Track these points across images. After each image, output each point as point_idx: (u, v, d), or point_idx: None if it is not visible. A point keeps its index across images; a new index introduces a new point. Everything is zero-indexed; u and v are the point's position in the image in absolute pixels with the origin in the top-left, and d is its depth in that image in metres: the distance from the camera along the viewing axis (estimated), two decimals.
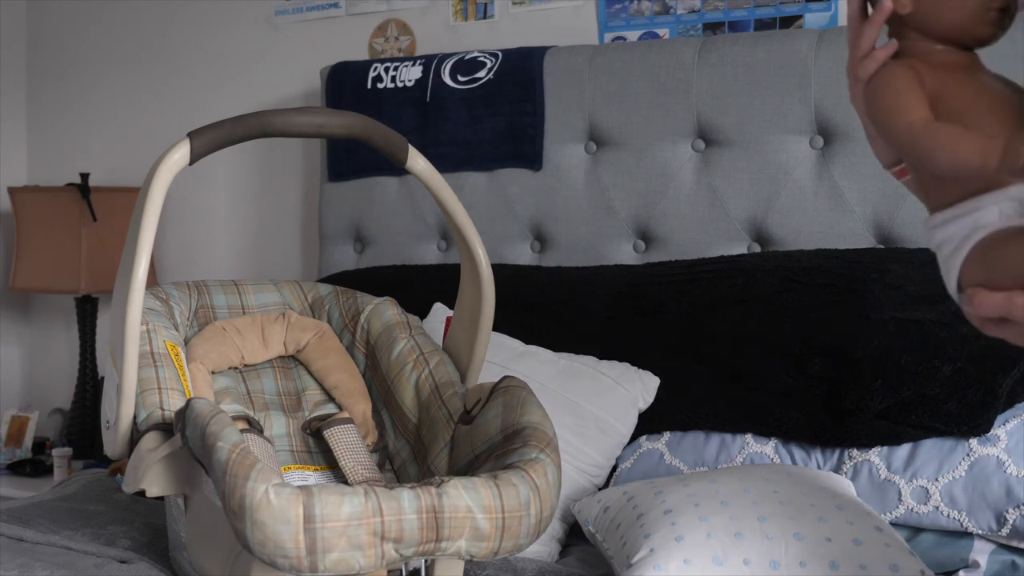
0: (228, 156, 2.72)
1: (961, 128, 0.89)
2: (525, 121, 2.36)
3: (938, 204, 0.95)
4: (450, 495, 1.14)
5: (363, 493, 1.11)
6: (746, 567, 1.39)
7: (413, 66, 2.50)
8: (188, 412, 1.23)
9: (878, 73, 0.98)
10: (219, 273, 2.96)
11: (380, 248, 2.57)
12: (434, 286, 2.26)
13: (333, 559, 1.09)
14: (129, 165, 3.13)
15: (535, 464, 1.22)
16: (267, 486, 1.08)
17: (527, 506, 1.18)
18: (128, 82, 3.19)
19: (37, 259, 2.95)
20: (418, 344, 1.63)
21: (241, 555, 1.23)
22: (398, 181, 2.53)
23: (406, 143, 1.46)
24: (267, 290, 1.79)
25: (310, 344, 1.73)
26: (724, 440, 1.82)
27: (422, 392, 1.57)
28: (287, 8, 2.92)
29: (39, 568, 1.42)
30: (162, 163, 1.30)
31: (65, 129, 3.31)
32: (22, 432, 3.01)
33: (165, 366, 1.45)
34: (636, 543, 1.46)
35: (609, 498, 1.65)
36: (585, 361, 1.95)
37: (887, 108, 0.94)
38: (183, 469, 1.31)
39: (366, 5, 2.81)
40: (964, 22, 0.96)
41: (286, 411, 1.67)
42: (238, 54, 3.01)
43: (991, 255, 0.90)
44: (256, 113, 1.35)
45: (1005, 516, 1.57)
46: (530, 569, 1.55)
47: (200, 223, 3.09)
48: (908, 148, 0.92)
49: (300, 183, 2.96)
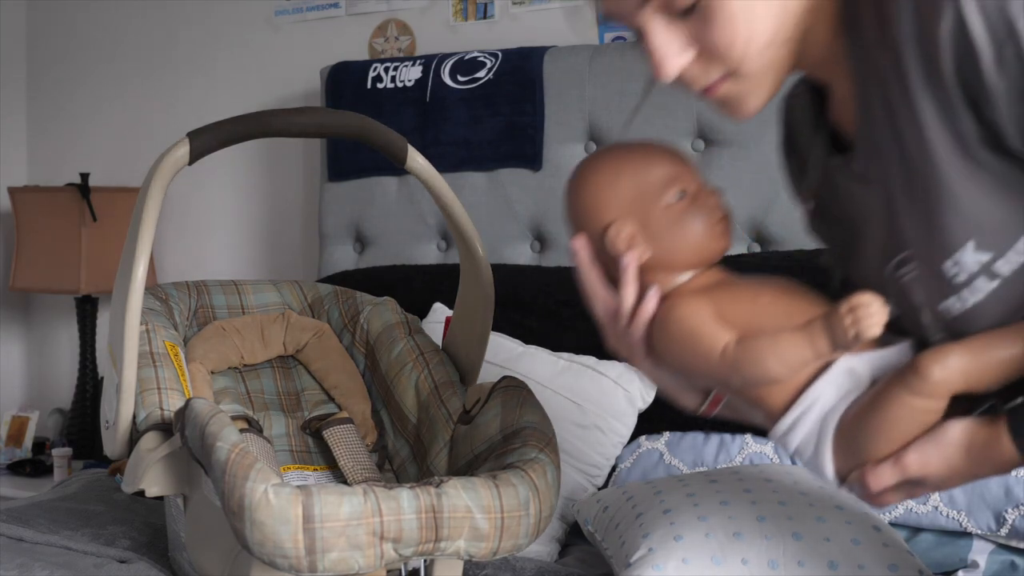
0: (228, 156, 2.71)
1: (772, 333, 0.89)
2: (525, 121, 2.36)
3: (772, 413, 0.94)
4: (449, 495, 1.14)
5: (362, 493, 1.11)
6: (745, 567, 1.39)
7: (413, 66, 2.50)
8: (187, 412, 1.23)
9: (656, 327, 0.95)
10: (219, 273, 2.96)
11: (380, 248, 2.57)
12: (434, 286, 2.26)
13: (332, 559, 1.09)
14: (129, 165, 3.13)
15: (534, 464, 1.22)
16: (266, 486, 1.08)
17: (526, 506, 1.18)
18: (128, 82, 3.19)
19: (37, 259, 2.95)
20: (418, 344, 1.63)
21: (240, 555, 1.23)
22: (398, 181, 2.53)
23: (406, 143, 1.46)
24: (267, 290, 1.79)
25: (310, 344, 1.73)
26: (723, 440, 1.82)
27: (422, 392, 1.57)
28: (287, 8, 2.92)
29: (39, 568, 1.42)
30: (162, 163, 1.30)
31: (65, 129, 3.31)
32: (22, 432, 3.01)
33: (164, 366, 1.45)
34: (635, 543, 1.46)
35: (608, 498, 1.65)
36: (585, 361, 1.95)
37: (688, 352, 0.93)
38: (182, 469, 1.31)
39: (366, 5, 2.81)
40: (700, 247, 0.97)
41: (285, 411, 1.67)
42: (238, 54, 3.01)
43: (855, 435, 0.90)
44: (256, 113, 1.35)
45: (1004, 516, 1.57)
46: (529, 569, 1.55)
47: (200, 223, 3.09)
48: (730, 375, 0.91)
49: (300, 183, 2.96)
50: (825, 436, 0.91)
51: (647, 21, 0.89)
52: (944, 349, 0.87)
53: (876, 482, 0.89)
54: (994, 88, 0.80)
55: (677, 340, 0.93)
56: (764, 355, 0.89)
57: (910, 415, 0.87)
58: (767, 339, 0.89)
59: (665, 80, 0.90)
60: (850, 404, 0.91)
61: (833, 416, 0.91)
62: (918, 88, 0.83)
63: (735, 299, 0.94)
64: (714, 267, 0.99)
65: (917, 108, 0.84)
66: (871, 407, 0.89)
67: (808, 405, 0.91)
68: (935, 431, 0.88)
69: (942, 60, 0.81)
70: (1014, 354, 0.87)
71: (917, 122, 0.85)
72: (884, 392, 0.88)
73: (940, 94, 0.83)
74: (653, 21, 0.89)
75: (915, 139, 0.86)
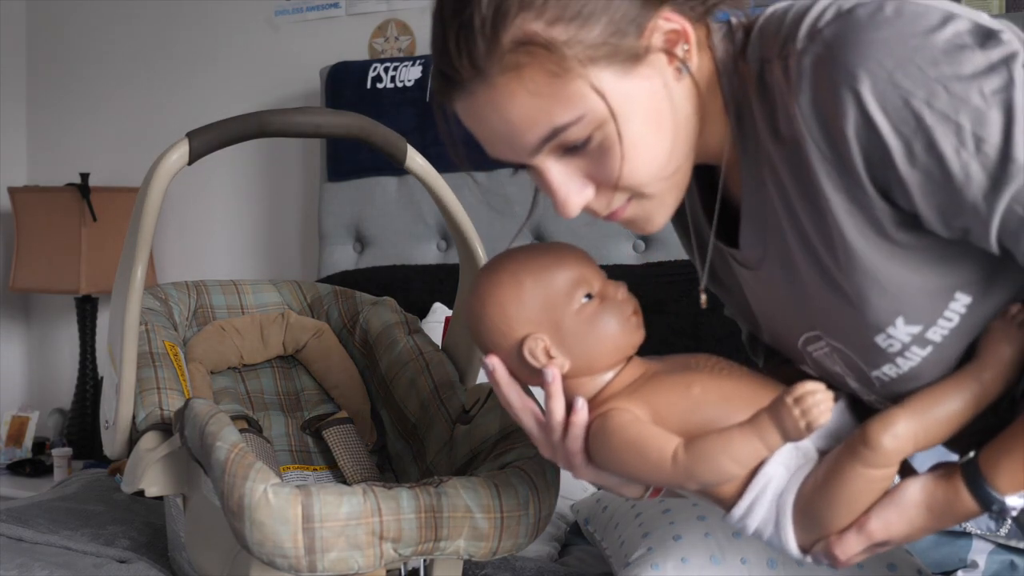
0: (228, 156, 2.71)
1: (718, 432, 0.88)
2: None
3: (724, 500, 0.93)
4: (449, 495, 1.14)
5: (362, 493, 1.11)
6: (744, 566, 1.39)
7: (413, 66, 2.50)
8: (187, 412, 1.23)
9: (594, 438, 0.94)
10: (219, 273, 2.96)
11: (380, 248, 2.57)
12: (434, 286, 2.26)
13: (332, 559, 1.09)
14: (129, 165, 3.13)
15: (534, 463, 1.22)
16: (266, 486, 1.08)
17: (526, 505, 1.18)
18: (128, 82, 3.19)
19: (37, 259, 2.95)
20: (417, 344, 1.63)
21: (240, 555, 1.23)
22: (398, 181, 2.53)
23: (405, 143, 1.46)
24: (266, 290, 1.79)
25: (309, 344, 1.73)
26: None
27: (421, 392, 1.57)
28: (287, 8, 2.92)
29: (38, 568, 1.42)
30: (161, 163, 1.30)
31: (65, 129, 3.31)
32: (22, 432, 3.02)
33: (164, 366, 1.44)
34: (634, 542, 1.47)
35: (608, 497, 1.65)
36: None
37: (633, 461, 0.91)
38: (182, 469, 1.31)
39: (366, 5, 2.81)
40: (618, 346, 0.95)
41: (285, 411, 1.67)
42: (238, 54, 3.01)
43: (814, 510, 0.90)
44: (255, 113, 1.35)
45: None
46: (529, 568, 1.55)
47: (200, 223, 3.09)
48: (684, 480, 0.90)
49: (300, 183, 2.96)
50: (784, 515, 0.91)
51: (542, 163, 0.87)
52: (890, 417, 0.87)
53: (843, 552, 0.90)
54: (908, 180, 0.79)
55: (619, 450, 0.91)
56: (716, 456, 0.88)
57: (866, 485, 0.88)
58: (716, 440, 0.88)
59: (568, 217, 0.89)
60: (803, 479, 0.91)
61: (788, 495, 0.91)
62: (825, 181, 0.82)
63: (667, 396, 0.92)
64: (632, 360, 0.97)
65: (826, 199, 0.83)
66: (826, 482, 0.89)
67: (761, 488, 0.91)
68: (893, 494, 0.89)
69: (852, 156, 0.80)
70: (956, 409, 0.87)
71: (827, 212, 0.83)
72: (837, 467, 0.89)
73: (851, 186, 0.82)
74: (548, 162, 0.87)
75: (825, 227, 0.84)
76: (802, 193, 0.85)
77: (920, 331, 0.87)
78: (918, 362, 0.89)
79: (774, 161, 0.87)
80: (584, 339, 0.94)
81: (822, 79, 0.80)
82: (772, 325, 1.01)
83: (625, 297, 0.96)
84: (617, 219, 0.91)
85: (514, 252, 0.98)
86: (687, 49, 0.85)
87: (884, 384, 0.92)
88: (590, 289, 0.95)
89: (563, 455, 0.96)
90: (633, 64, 0.83)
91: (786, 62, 0.83)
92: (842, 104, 0.78)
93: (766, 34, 0.86)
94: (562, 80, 0.81)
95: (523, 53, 0.81)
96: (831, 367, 0.96)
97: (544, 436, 0.97)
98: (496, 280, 0.96)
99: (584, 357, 0.94)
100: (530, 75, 0.82)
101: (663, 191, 0.89)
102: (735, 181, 0.94)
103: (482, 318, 0.97)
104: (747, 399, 0.90)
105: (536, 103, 0.83)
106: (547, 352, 0.94)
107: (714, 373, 0.94)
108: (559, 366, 0.94)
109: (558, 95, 0.82)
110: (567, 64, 0.81)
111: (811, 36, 0.81)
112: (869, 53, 0.77)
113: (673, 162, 0.87)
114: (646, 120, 0.84)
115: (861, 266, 0.84)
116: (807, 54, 0.81)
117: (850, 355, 0.92)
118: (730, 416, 0.89)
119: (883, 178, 0.80)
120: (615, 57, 0.82)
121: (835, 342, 0.92)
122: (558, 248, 0.98)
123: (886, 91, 0.77)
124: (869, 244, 0.84)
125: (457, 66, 0.84)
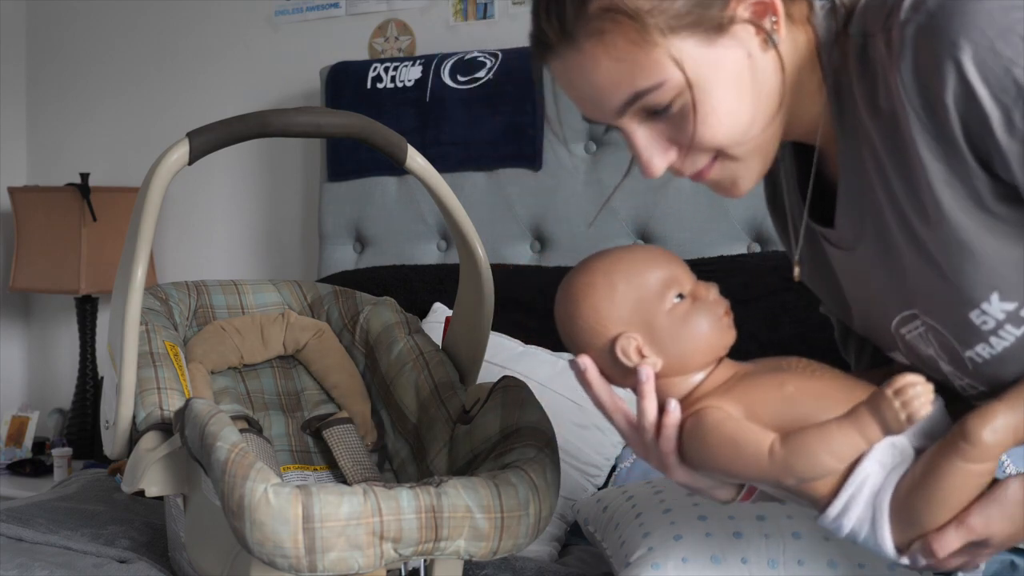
0: (228, 156, 2.72)
1: (815, 426, 0.88)
2: (525, 121, 2.36)
3: (819, 500, 0.93)
4: (449, 495, 1.14)
5: (362, 493, 1.11)
6: (744, 566, 1.39)
7: (413, 66, 2.50)
8: (187, 412, 1.23)
9: (688, 437, 0.94)
10: (219, 273, 2.96)
11: (380, 248, 2.57)
12: (434, 286, 2.26)
13: (332, 559, 1.09)
14: (129, 165, 3.13)
15: (534, 463, 1.22)
16: (266, 486, 1.08)
17: (526, 506, 1.18)
18: (128, 82, 3.19)
19: (37, 259, 2.95)
20: (417, 344, 1.63)
21: (240, 555, 1.23)
22: (398, 181, 2.53)
23: (405, 143, 1.46)
24: (266, 290, 1.79)
25: (309, 344, 1.73)
26: None
27: (421, 392, 1.57)
28: (287, 8, 2.92)
29: (38, 568, 1.42)
30: (161, 163, 1.30)
31: (65, 129, 3.31)
32: (22, 432, 3.02)
33: (164, 366, 1.44)
34: (635, 542, 1.46)
35: (608, 497, 1.65)
36: None
37: (730, 458, 0.91)
38: (182, 469, 1.31)
39: (366, 5, 2.81)
40: (711, 346, 0.95)
41: (285, 411, 1.67)
42: (238, 54, 3.01)
43: (913, 508, 0.89)
44: (255, 113, 1.35)
45: None
46: (529, 568, 1.55)
47: (200, 223, 3.09)
48: (782, 475, 0.89)
49: (300, 183, 2.96)
50: (880, 514, 0.90)
51: (627, 125, 0.90)
52: (988, 411, 0.86)
53: (942, 548, 0.89)
54: (1007, 150, 0.79)
55: (716, 448, 0.91)
56: (815, 450, 0.87)
57: (966, 481, 0.87)
58: (815, 434, 0.88)
59: (652, 177, 0.92)
60: (900, 478, 0.90)
61: (884, 494, 0.90)
62: (924, 152, 0.83)
63: (760, 394, 0.93)
64: (723, 361, 0.97)
65: (924, 169, 0.83)
66: (924, 479, 0.88)
67: (857, 487, 0.90)
68: (994, 491, 0.88)
69: (951, 125, 0.80)
70: None
71: (925, 183, 0.84)
72: (935, 462, 0.88)
73: (951, 156, 0.82)
74: (633, 124, 0.90)
75: (922, 200, 0.85)
76: (899, 165, 0.86)
77: (1015, 308, 0.86)
78: (1012, 342, 0.88)
79: (872, 137, 0.87)
80: (677, 338, 0.94)
81: (924, 48, 0.80)
82: (866, 308, 1.00)
83: (716, 298, 0.97)
84: (703, 180, 0.93)
85: (604, 253, 0.99)
86: (775, 21, 0.87)
87: (977, 366, 0.91)
88: (681, 289, 0.96)
89: (656, 456, 0.96)
90: (717, 33, 0.86)
91: (889, 34, 0.84)
92: (943, 73, 0.79)
93: (871, 9, 0.88)
94: (643, 48, 0.85)
95: (608, 20, 0.84)
96: (924, 350, 0.95)
97: (637, 437, 0.97)
98: (589, 281, 0.97)
99: (677, 356, 0.94)
100: (612, 41, 0.85)
101: (747, 154, 0.91)
102: (832, 162, 0.95)
103: (575, 318, 0.97)
104: (841, 398, 0.90)
105: (619, 68, 0.86)
106: (639, 351, 0.94)
107: (806, 373, 0.94)
108: (652, 365, 0.94)
109: (639, 61, 0.85)
110: (648, 32, 0.84)
111: (915, 7, 0.82)
112: (972, 22, 0.78)
113: (754, 128, 0.89)
114: (727, 88, 0.87)
115: (957, 238, 0.85)
116: (910, 24, 0.82)
117: (944, 334, 0.91)
118: (825, 413, 0.89)
119: (983, 147, 0.81)
120: (699, 26, 0.85)
121: (930, 319, 0.92)
122: (648, 249, 0.99)
123: (987, 59, 0.78)
124: (967, 216, 0.84)
125: (547, 30, 0.89)
